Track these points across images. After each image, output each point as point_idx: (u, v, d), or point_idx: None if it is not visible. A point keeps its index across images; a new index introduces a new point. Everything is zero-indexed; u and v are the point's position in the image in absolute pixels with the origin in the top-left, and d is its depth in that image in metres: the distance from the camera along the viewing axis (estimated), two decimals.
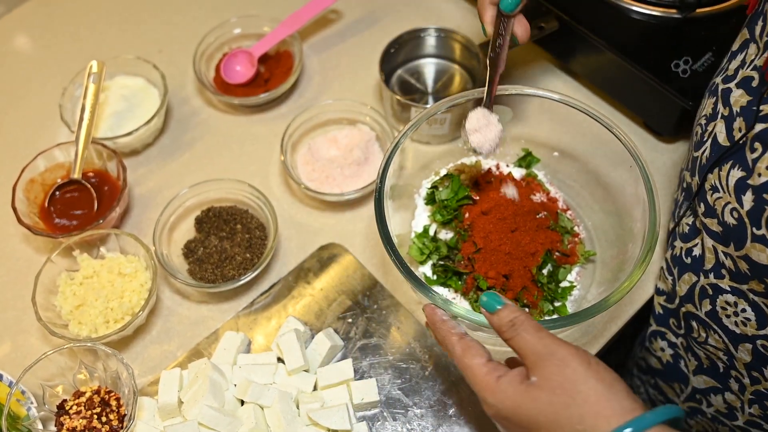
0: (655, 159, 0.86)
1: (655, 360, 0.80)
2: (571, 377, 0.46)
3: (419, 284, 0.62)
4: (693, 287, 0.66)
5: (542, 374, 0.47)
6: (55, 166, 0.84)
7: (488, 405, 0.50)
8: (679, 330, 0.72)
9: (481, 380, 0.50)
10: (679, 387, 0.78)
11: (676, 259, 0.68)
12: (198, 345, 0.75)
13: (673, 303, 0.71)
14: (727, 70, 0.62)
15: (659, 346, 0.77)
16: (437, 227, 0.75)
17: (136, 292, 0.75)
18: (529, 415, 0.47)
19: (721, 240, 0.60)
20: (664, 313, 0.74)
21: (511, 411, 0.48)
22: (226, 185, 0.82)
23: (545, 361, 0.47)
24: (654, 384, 0.84)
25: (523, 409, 0.47)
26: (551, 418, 0.46)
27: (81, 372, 0.71)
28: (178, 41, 1.01)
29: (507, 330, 0.50)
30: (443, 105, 0.72)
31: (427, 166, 0.80)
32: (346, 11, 1.03)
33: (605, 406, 0.45)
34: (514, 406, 0.48)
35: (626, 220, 0.71)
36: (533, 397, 0.47)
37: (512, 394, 0.48)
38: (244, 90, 0.93)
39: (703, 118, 0.64)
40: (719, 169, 0.58)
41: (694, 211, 0.65)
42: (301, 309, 0.77)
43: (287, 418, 0.66)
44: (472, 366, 0.52)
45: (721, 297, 0.63)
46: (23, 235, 0.85)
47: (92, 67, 0.85)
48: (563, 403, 0.46)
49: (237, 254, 0.78)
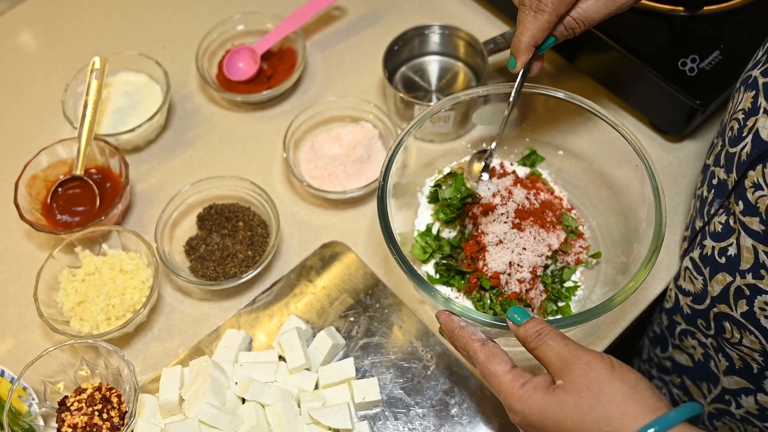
0: (661, 158, 0.85)
1: (686, 357, 0.78)
2: (596, 379, 0.47)
3: (421, 283, 0.61)
4: (728, 288, 0.65)
5: (568, 378, 0.48)
6: (58, 162, 0.84)
7: (514, 412, 0.50)
8: (708, 331, 0.71)
9: (507, 387, 0.51)
10: (708, 387, 0.77)
11: (707, 259, 0.67)
12: (199, 342, 0.75)
13: (702, 304, 0.70)
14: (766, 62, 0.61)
15: (691, 344, 0.76)
16: (440, 226, 0.75)
17: (138, 289, 0.75)
18: (556, 419, 0.47)
19: (762, 239, 0.59)
20: (692, 313, 0.73)
21: (538, 416, 0.48)
22: (229, 182, 0.82)
23: (571, 365, 0.48)
24: (680, 384, 0.82)
25: (550, 413, 0.48)
26: (578, 421, 0.46)
27: (82, 368, 0.71)
28: (181, 38, 1.01)
29: (533, 340, 0.51)
30: (447, 103, 0.72)
31: (430, 165, 0.80)
32: (350, 8, 1.03)
33: (631, 406, 0.45)
34: (540, 411, 0.48)
35: (631, 219, 0.70)
36: (559, 401, 0.47)
37: (538, 399, 0.49)
38: (247, 87, 0.93)
39: (740, 113, 0.62)
40: (763, 165, 0.57)
41: (728, 209, 0.64)
42: (303, 307, 0.76)
43: (288, 416, 0.66)
44: (497, 373, 0.52)
45: (760, 297, 0.61)
46: (25, 231, 0.85)
47: (95, 64, 0.85)
48: (589, 404, 0.46)
49: (239, 252, 0.78)
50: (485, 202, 0.71)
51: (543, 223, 0.71)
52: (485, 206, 0.71)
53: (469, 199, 0.73)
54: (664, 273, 0.78)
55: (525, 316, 0.53)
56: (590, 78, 0.92)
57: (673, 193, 0.83)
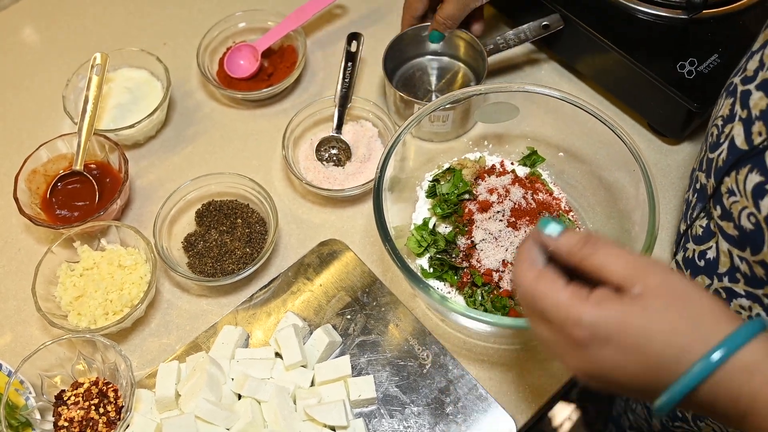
0: (659, 161, 0.86)
1: None
2: (679, 284, 0.42)
3: (411, 275, 0.62)
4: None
5: (647, 284, 0.41)
6: (58, 157, 0.84)
7: (582, 326, 0.42)
8: None
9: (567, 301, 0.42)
10: None
11: (689, 262, 0.67)
12: (196, 339, 0.75)
13: None
14: (746, 70, 0.61)
15: None
16: (437, 220, 0.75)
17: (136, 285, 0.75)
18: (638, 326, 0.41)
19: (737, 244, 0.59)
20: None
21: (616, 327, 0.41)
22: (228, 179, 0.82)
23: (646, 270, 0.42)
24: None
25: (630, 321, 0.41)
26: (666, 327, 0.41)
27: (79, 363, 0.72)
28: (182, 34, 1.01)
29: (581, 249, 0.44)
30: (445, 101, 0.72)
31: (430, 160, 0.80)
32: (351, 7, 1.03)
33: (721, 310, 0.41)
34: (619, 321, 0.41)
35: (626, 223, 0.70)
36: (643, 306, 0.41)
37: (615, 306, 0.41)
38: (248, 84, 0.93)
39: (719, 119, 0.63)
40: (736, 172, 0.57)
41: (709, 213, 0.64)
42: (300, 304, 0.76)
43: (284, 413, 0.66)
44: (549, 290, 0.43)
45: (735, 301, 0.62)
46: (24, 225, 0.85)
47: (96, 59, 0.85)
48: (679, 308, 0.41)
49: (237, 248, 0.78)
50: (482, 200, 0.72)
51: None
52: (481, 203, 0.72)
53: (467, 195, 0.73)
54: None
55: (561, 227, 0.46)
56: (590, 80, 0.92)
57: (670, 196, 0.83)
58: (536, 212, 0.73)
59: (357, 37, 0.89)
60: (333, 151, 0.87)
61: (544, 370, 0.72)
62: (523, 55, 0.96)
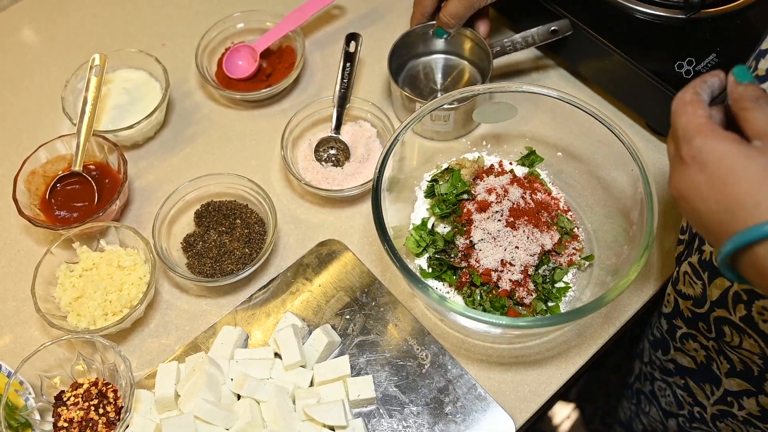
0: (658, 160, 0.86)
1: (689, 359, 0.78)
2: None
3: (410, 275, 0.62)
4: (726, 292, 0.65)
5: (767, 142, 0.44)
6: (57, 158, 0.84)
7: (691, 145, 0.46)
8: (709, 334, 0.71)
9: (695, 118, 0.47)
10: (711, 388, 0.77)
11: (706, 264, 0.66)
12: (196, 339, 0.75)
13: (702, 307, 0.70)
14: (757, 69, 0.61)
15: (692, 347, 0.76)
16: (435, 220, 0.75)
17: (135, 285, 0.75)
18: (733, 166, 0.44)
19: None
20: (692, 317, 0.73)
21: (715, 159, 0.45)
22: (226, 180, 0.82)
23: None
24: (684, 385, 0.82)
25: (729, 159, 0.44)
26: (757, 178, 0.43)
27: (79, 363, 0.72)
28: (181, 35, 1.01)
29: (748, 100, 0.47)
30: (444, 101, 0.72)
31: (429, 160, 0.80)
32: (350, 7, 1.03)
33: None
34: (720, 155, 0.45)
35: (624, 222, 0.71)
36: (747, 154, 0.44)
37: (726, 143, 0.45)
38: (246, 85, 0.93)
39: None
40: None
41: None
42: (300, 305, 0.77)
43: (283, 413, 0.66)
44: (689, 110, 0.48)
45: (758, 302, 0.61)
46: (24, 226, 0.85)
47: (95, 60, 0.85)
48: None
49: (236, 249, 0.78)
50: (480, 200, 0.72)
51: (537, 223, 0.71)
52: (480, 203, 0.72)
53: (465, 195, 0.73)
54: (657, 275, 0.78)
55: (747, 78, 0.48)
56: (589, 81, 0.92)
57: (668, 195, 0.83)
58: (534, 212, 0.73)
59: (355, 38, 0.89)
60: (332, 151, 0.87)
61: (543, 369, 0.72)
62: (523, 58, 0.96)
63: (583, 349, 0.74)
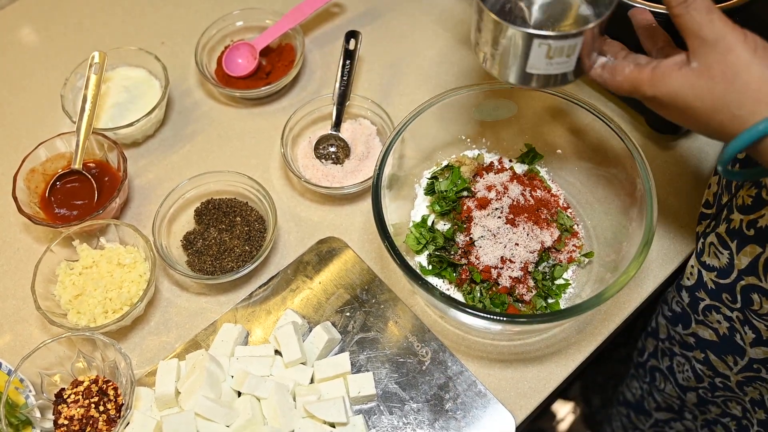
0: (656, 156, 0.86)
1: (711, 332, 0.78)
2: (733, 64, 0.46)
3: (410, 272, 0.63)
4: (757, 259, 0.65)
5: (704, 62, 0.47)
6: (56, 156, 0.84)
7: (647, 98, 0.51)
8: (734, 304, 0.71)
9: (636, 78, 0.51)
10: (734, 359, 0.76)
11: (734, 232, 0.67)
12: (196, 336, 0.75)
13: (727, 277, 0.70)
14: None
15: (716, 319, 0.76)
16: (435, 218, 0.76)
17: (135, 283, 0.75)
18: (687, 101, 0.48)
19: None
20: (716, 288, 0.73)
21: (669, 98, 0.49)
22: (226, 177, 0.82)
23: (709, 47, 0.47)
24: (704, 359, 0.81)
25: (681, 95, 0.48)
26: (708, 105, 0.47)
27: (79, 361, 0.72)
28: (180, 33, 1.01)
29: (677, 5, 0.49)
30: (442, 98, 0.72)
31: (429, 157, 0.80)
32: (349, 5, 1.03)
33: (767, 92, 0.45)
34: (671, 93, 0.49)
35: (623, 219, 0.71)
36: (691, 84, 0.47)
37: (669, 81, 0.49)
38: (246, 83, 0.93)
39: None
40: None
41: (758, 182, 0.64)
42: (300, 302, 0.77)
43: (284, 410, 0.66)
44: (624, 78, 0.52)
45: None
46: (23, 224, 0.85)
47: (94, 58, 0.85)
48: (722, 90, 0.46)
49: (236, 246, 0.78)
50: (480, 197, 0.72)
51: (537, 220, 0.72)
52: (480, 200, 0.72)
53: (465, 192, 0.73)
54: (656, 271, 0.78)
55: None
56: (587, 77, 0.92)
57: (667, 192, 0.83)
58: (534, 209, 0.73)
59: (355, 35, 0.89)
60: (331, 148, 0.87)
61: (543, 366, 0.73)
62: None
63: (582, 346, 0.74)
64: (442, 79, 0.95)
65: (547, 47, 0.55)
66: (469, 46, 0.97)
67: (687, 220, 0.81)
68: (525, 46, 0.56)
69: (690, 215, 0.81)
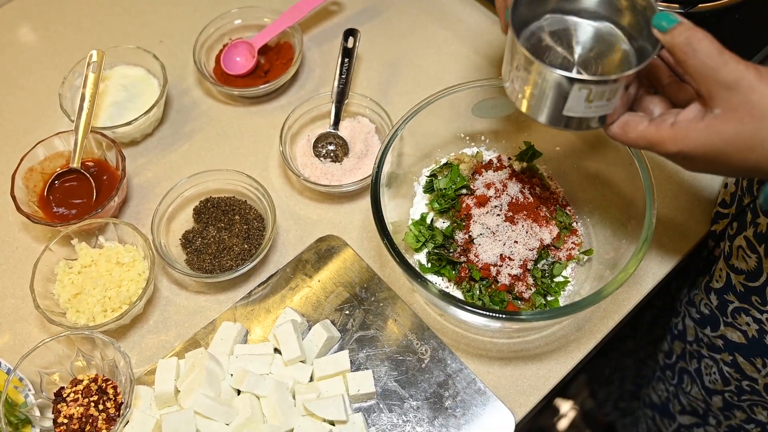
0: (655, 155, 0.86)
1: (739, 334, 0.78)
2: (759, 103, 0.45)
3: (409, 270, 0.63)
4: None
5: (727, 106, 0.46)
6: (55, 155, 0.84)
7: (671, 154, 0.50)
8: (763, 306, 0.71)
9: (653, 137, 0.50)
10: (762, 362, 0.76)
11: (762, 236, 0.66)
12: (195, 335, 0.75)
13: (756, 281, 0.70)
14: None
15: (745, 321, 0.76)
16: (434, 216, 0.76)
17: (134, 282, 0.75)
18: (717, 149, 0.47)
19: None
20: (745, 291, 0.72)
21: (698, 151, 0.48)
22: (225, 176, 0.82)
23: (729, 91, 0.46)
24: (732, 362, 0.81)
25: (710, 146, 0.47)
26: (741, 147, 0.46)
27: (78, 360, 0.72)
28: (178, 32, 1.01)
29: (682, 51, 0.48)
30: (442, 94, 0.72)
31: (428, 155, 0.80)
32: (348, 3, 1.03)
33: None
34: (698, 146, 0.48)
35: (622, 216, 0.71)
36: (718, 131, 0.47)
37: (694, 135, 0.48)
38: (244, 81, 0.93)
39: None
40: None
41: None
42: (299, 300, 0.77)
43: (283, 408, 0.66)
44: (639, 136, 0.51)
45: None
46: (22, 223, 0.85)
47: (92, 57, 0.85)
48: (752, 129, 0.45)
49: (235, 245, 0.78)
50: (479, 195, 0.72)
51: (536, 218, 0.72)
52: (479, 198, 0.72)
53: (464, 190, 0.73)
54: (656, 268, 0.78)
55: (671, 21, 0.48)
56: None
57: (666, 190, 0.83)
58: (533, 207, 0.73)
59: (353, 33, 0.89)
60: (330, 147, 0.87)
61: (543, 363, 0.73)
62: None
63: (582, 343, 0.74)
64: (441, 76, 0.95)
65: (587, 91, 0.52)
66: (468, 45, 0.97)
67: (686, 217, 0.81)
68: (564, 90, 0.53)
69: (689, 212, 0.81)
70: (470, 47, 0.97)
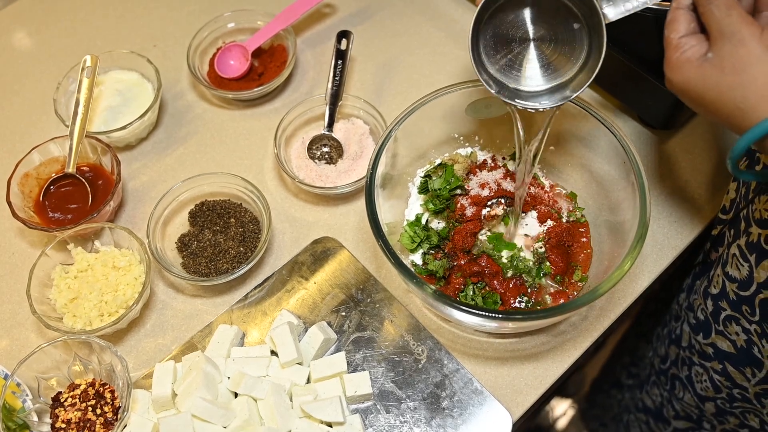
0: (650, 152, 0.86)
1: (729, 344, 0.78)
2: (744, 58, 0.47)
3: (404, 271, 0.63)
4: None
5: (717, 53, 0.49)
6: (50, 160, 0.84)
7: (667, 80, 0.53)
8: (752, 317, 0.71)
9: (667, 55, 0.53)
10: (752, 371, 0.76)
11: (753, 246, 0.66)
12: (192, 338, 0.75)
13: (747, 290, 0.70)
14: None
15: (734, 330, 0.76)
16: (429, 216, 0.76)
17: (130, 286, 0.75)
18: (697, 90, 0.50)
19: None
20: (737, 299, 0.73)
21: (683, 86, 0.51)
22: (220, 179, 0.82)
23: (723, 39, 0.49)
24: (722, 370, 0.82)
25: (692, 84, 0.51)
26: (715, 97, 0.49)
27: (76, 365, 0.72)
28: (172, 36, 1.01)
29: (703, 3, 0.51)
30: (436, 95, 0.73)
31: (422, 156, 0.81)
32: (341, 5, 1.03)
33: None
34: (684, 81, 0.51)
35: (617, 214, 0.71)
36: (702, 74, 0.50)
37: (686, 71, 0.51)
38: (238, 84, 0.93)
39: None
40: None
41: None
42: (295, 302, 0.77)
43: (280, 410, 0.66)
44: (666, 39, 0.54)
45: None
46: (18, 228, 0.85)
47: (86, 62, 0.85)
48: (729, 83, 0.48)
49: (231, 248, 0.78)
50: (474, 194, 0.72)
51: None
52: (473, 198, 0.72)
53: (458, 190, 0.74)
54: (651, 266, 0.79)
55: None
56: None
57: (660, 188, 0.84)
58: (529, 206, 0.73)
59: (347, 35, 0.89)
60: (325, 149, 0.87)
61: (539, 363, 0.73)
62: None
63: (578, 342, 0.74)
64: (435, 77, 0.95)
65: None
66: (462, 46, 0.97)
67: (680, 215, 0.82)
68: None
69: (683, 210, 0.82)
70: (464, 48, 0.97)
